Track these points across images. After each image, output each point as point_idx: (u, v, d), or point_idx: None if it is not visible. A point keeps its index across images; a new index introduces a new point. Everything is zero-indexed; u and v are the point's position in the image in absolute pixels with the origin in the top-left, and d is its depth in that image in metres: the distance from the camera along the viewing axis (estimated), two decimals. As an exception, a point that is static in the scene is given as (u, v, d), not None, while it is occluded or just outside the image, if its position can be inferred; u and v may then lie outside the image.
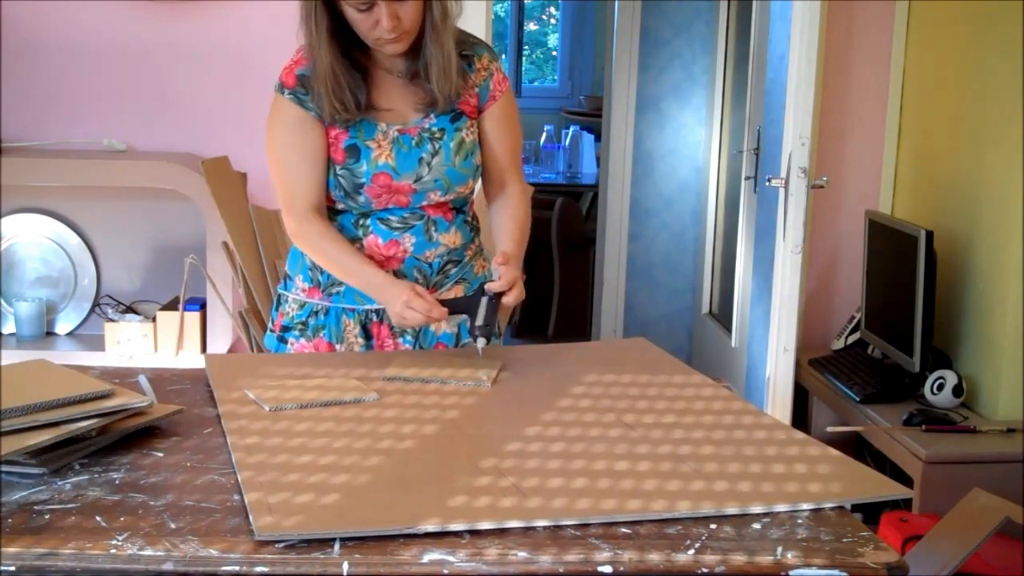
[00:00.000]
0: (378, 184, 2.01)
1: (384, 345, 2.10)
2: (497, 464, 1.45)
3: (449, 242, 2.08)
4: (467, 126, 2.05)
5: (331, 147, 2.02)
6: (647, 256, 5.14)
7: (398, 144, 2.01)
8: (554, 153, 6.65)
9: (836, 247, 3.81)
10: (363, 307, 2.09)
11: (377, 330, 2.10)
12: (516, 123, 2.14)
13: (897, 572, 1.22)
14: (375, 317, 2.09)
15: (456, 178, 2.04)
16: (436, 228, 2.06)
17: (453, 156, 2.03)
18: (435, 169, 2.02)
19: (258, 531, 1.23)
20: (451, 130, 2.03)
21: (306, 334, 2.11)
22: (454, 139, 2.03)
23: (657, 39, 4.99)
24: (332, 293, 2.10)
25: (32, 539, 1.22)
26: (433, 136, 2.02)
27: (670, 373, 1.90)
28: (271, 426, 1.59)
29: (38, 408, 1.46)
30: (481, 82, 2.06)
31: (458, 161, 2.03)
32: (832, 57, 3.67)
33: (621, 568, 1.21)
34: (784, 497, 1.37)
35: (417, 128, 2.02)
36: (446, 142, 2.03)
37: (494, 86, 2.07)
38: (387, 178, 2.01)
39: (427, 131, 2.02)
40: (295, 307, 2.13)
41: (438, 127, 2.03)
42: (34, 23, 3.39)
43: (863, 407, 3.15)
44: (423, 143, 2.02)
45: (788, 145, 3.29)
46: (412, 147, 2.01)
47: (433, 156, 2.02)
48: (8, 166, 3.17)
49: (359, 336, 2.09)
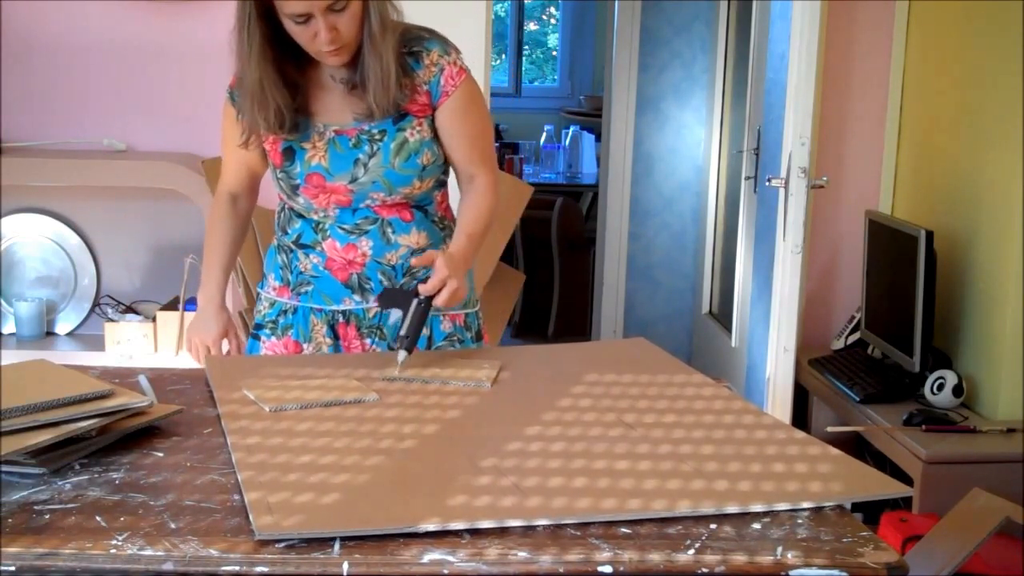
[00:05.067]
0: (312, 184, 2.00)
1: (351, 346, 2.11)
2: (498, 464, 1.45)
3: (411, 243, 2.07)
4: (412, 126, 2.00)
5: (270, 151, 2.03)
6: (647, 256, 5.14)
7: (334, 145, 1.99)
8: (554, 153, 6.65)
9: (836, 247, 3.81)
10: (330, 307, 2.10)
11: (344, 331, 2.11)
12: (477, 114, 2.07)
13: (897, 572, 1.22)
14: (341, 318, 2.10)
15: (396, 179, 2.00)
16: (394, 230, 2.05)
17: (392, 157, 1.98)
18: (372, 170, 1.99)
19: (258, 530, 1.23)
20: (392, 131, 1.99)
21: (276, 332, 2.12)
22: (395, 139, 1.99)
23: (657, 39, 4.99)
24: (301, 293, 2.11)
25: (32, 539, 1.22)
26: (372, 138, 1.99)
27: (670, 373, 1.90)
28: (272, 426, 1.59)
29: (38, 408, 1.46)
30: (430, 79, 1.99)
31: (398, 162, 1.99)
32: (832, 57, 3.67)
33: (621, 568, 1.21)
34: (785, 496, 1.37)
35: (356, 130, 1.99)
36: (386, 143, 1.98)
37: (445, 81, 1.99)
38: (320, 179, 2.00)
39: (366, 132, 1.99)
40: (267, 305, 2.15)
41: (378, 129, 1.99)
42: (34, 23, 3.39)
43: (863, 407, 3.15)
44: (361, 144, 1.99)
45: (788, 145, 3.29)
46: (348, 148, 1.99)
47: (370, 157, 1.99)
48: (8, 166, 3.17)
49: (326, 336, 2.10)
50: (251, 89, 1.91)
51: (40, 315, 3.44)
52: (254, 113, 1.93)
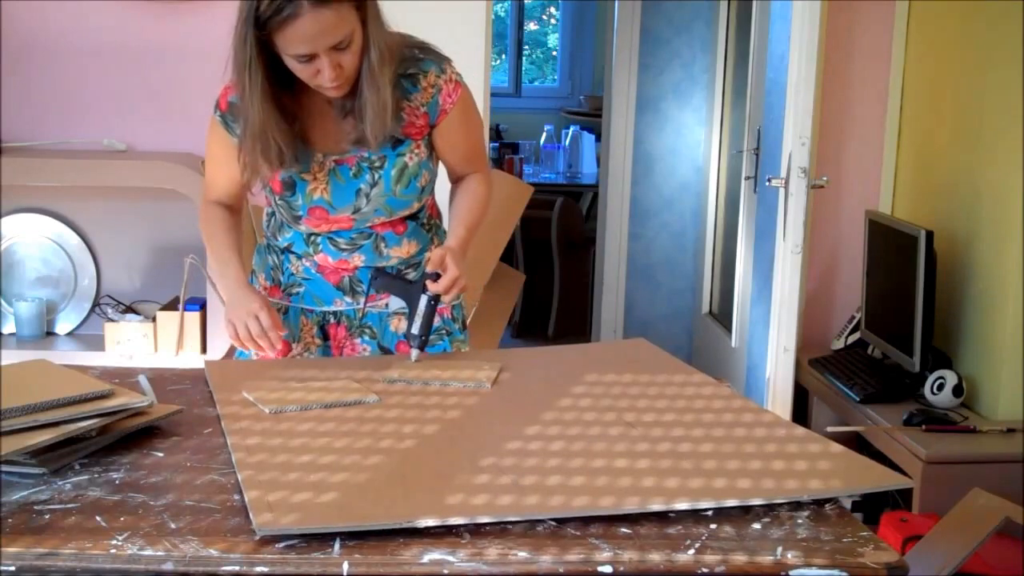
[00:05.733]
0: (315, 217, 2.00)
1: (341, 346, 2.11)
2: (497, 462, 1.45)
3: (402, 253, 2.07)
4: (411, 149, 1.99)
5: (269, 180, 2.00)
6: (647, 256, 5.14)
7: (335, 175, 1.98)
8: (554, 153, 6.65)
9: (836, 247, 3.81)
10: (320, 308, 2.10)
11: (334, 331, 2.11)
12: (473, 123, 2.08)
13: (897, 572, 1.22)
14: (332, 319, 2.11)
15: (398, 205, 2.01)
16: (386, 244, 2.05)
17: (393, 185, 1.98)
18: (374, 200, 1.98)
19: (258, 528, 1.23)
20: (392, 156, 1.98)
21: None
22: (395, 165, 1.98)
23: (657, 39, 4.99)
24: (292, 293, 2.11)
25: (32, 539, 1.22)
26: (372, 165, 1.98)
27: (670, 372, 1.90)
28: (273, 427, 1.59)
29: (38, 408, 1.46)
30: (429, 100, 1.98)
31: (399, 189, 1.99)
32: (832, 57, 3.67)
33: (621, 568, 1.21)
34: (785, 491, 1.37)
35: (355, 157, 1.98)
36: (386, 170, 1.97)
37: (443, 100, 1.98)
38: (323, 212, 1.99)
39: (366, 160, 1.98)
40: None
41: (378, 155, 1.98)
42: (34, 23, 3.39)
43: (863, 407, 3.15)
44: (362, 173, 1.98)
45: (788, 145, 3.29)
46: (349, 178, 1.98)
47: (372, 187, 1.98)
48: (8, 166, 3.16)
49: (316, 336, 2.11)
50: (255, 132, 1.88)
51: (40, 315, 3.44)
52: (256, 155, 1.90)
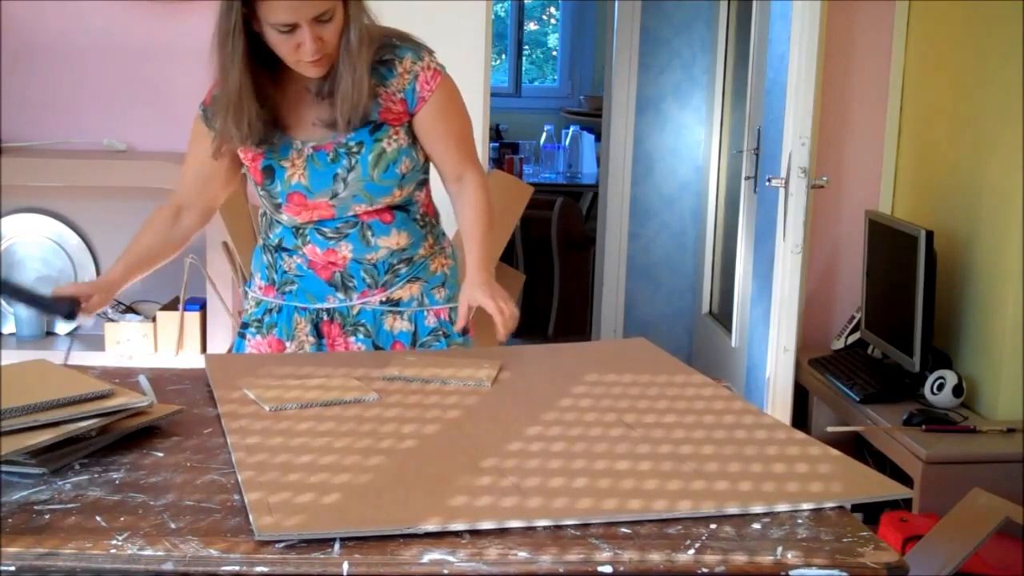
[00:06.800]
0: (294, 203, 2.01)
1: (335, 344, 2.12)
2: (498, 464, 1.45)
3: (391, 244, 2.07)
4: (389, 135, 1.99)
5: (250, 168, 2.04)
6: (647, 256, 5.14)
7: (312, 161, 1.99)
8: (554, 153, 6.65)
9: (836, 247, 3.81)
10: (314, 306, 2.10)
11: (328, 329, 2.11)
12: (456, 113, 2.06)
13: (897, 572, 1.22)
14: (326, 316, 2.11)
15: (376, 190, 2.00)
16: (373, 232, 2.05)
17: (371, 170, 1.98)
18: (352, 185, 1.99)
19: (258, 531, 1.23)
20: (369, 142, 1.98)
21: (261, 331, 2.13)
22: (373, 151, 1.98)
23: (657, 39, 4.99)
24: (285, 292, 2.12)
25: (32, 539, 1.22)
26: (350, 150, 1.98)
27: (671, 373, 1.90)
28: (272, 426, 1.59)
29: (38, 408, 1.46)
30: (405, 86, 1.98)
31: (376, 174, 1.99)
32: (832, 57, 3.67)
33: (621, 568, 1.21)
34: (785, 497, 1.37)
35: (332, 143, 1.99)
36: (363, 155, 1.98)
37: (421, 87, 1.99)
38: (301, 197, 2.00)
39: (343, 145, 1.98)
40: (253, 304, 2.16)
41: (355, 140, 1.98)
42: (34, 23, 3.39)
43: (863, 407, 3.15)
44: (339, 158, 1.98)
45: (788, 145, 3.29)
46: (327, 164, 1.99)
47: (349, 171, 1.98)
48: (8, 166, 3.16)
49: (310, 335, 2.11)
50: (230, 97, 1.90)
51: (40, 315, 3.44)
52: (228, 122, 1.92)
